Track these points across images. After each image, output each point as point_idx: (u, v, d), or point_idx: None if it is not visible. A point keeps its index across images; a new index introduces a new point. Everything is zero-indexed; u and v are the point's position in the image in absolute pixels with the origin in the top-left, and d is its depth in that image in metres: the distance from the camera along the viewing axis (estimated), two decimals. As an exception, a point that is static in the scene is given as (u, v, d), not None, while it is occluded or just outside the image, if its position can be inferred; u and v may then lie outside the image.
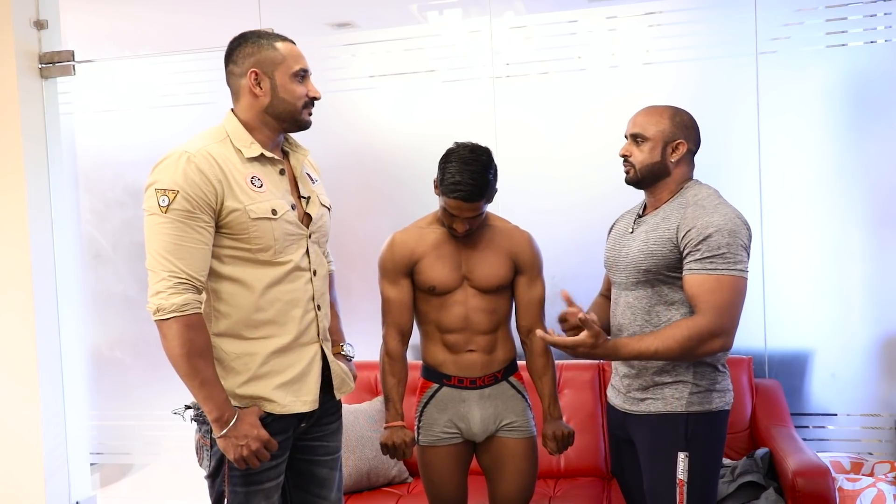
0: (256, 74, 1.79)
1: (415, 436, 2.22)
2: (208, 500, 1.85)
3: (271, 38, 1.82)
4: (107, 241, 3.60)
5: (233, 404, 1.75)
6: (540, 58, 3.15)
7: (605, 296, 2.24)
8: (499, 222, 2.25)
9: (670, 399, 1.94)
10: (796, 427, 2.86)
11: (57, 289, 3.35)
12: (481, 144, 2.12)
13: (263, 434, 1.74)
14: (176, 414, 1.86)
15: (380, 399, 2.98)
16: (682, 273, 1.89)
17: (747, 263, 1.87)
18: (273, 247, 1.78)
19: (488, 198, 2.10)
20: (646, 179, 2.00)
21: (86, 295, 3.61)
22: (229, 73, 1.85)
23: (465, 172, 2.03)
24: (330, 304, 2.01)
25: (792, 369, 3.02)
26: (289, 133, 1.91)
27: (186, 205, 1.68)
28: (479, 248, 2.18)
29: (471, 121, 3.20)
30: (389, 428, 2.17)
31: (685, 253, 1.87)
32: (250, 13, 3.30)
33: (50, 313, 3.31)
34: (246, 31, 1.85)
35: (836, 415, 2.99)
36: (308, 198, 1.90)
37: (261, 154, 1.81)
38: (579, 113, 3.14)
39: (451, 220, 2.12)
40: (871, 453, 2.93)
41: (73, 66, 3.36)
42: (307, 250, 1.86)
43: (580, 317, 1.83)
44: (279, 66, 1.80)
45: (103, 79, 3.50)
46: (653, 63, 3.05)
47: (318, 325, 1.88)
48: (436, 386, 2.23)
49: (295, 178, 1.91)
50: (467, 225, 2.11)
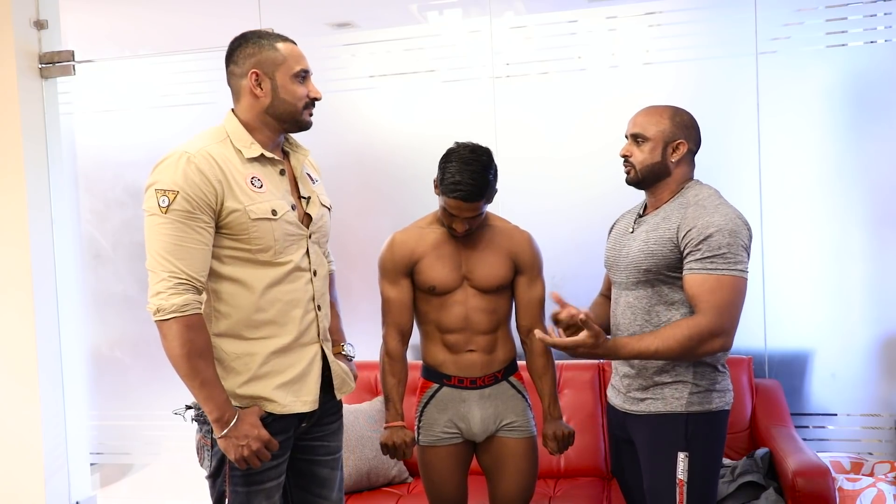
0: (257, 75, 1.79)
1: (415, 436, 2.22)
2: (209, 500, 1.85)
3: (272, 38, 1.82)
4: (107, 241, 3.60)
5: (233, 404, 1.75)
6: (540, 58, 3.14)
7: (605, 295, 2.24)
8: (499, 222, 2.25)
9: (670, 399, 1.94)
10: (796, 427, 2.86)
11: (57, 289, 3.35)
12: (481, 144, 2.12)
13: (264, 434, 1.74)
14: (177, 414, 1.86)
15: (380, 399, 2.98)
16: (682, 273, 1.89)
17: (748, 264, 1.87)
18: (273, 247, 1.78)
19: (488, 198, 2.10)
20: (646, 179, 2.00)
21: (86, 295, 3.61)
22: (230, 74, 1.84)
23: (465, 172, 2.03)
24: (330, 303, 2.01)
25: (792, 369, 3.02)
26: (289, 133, 1.91)
27: (186, 205, 1.68)
28: (479, 248, 2.18)
29: (471, 121, 3.20)
30: (389, 428, 2.17)
31: (685, 253, 1.87)
32: (250, 13, 3.30)
33: (50, 313, 3.31)
34: (247, 31, 1.85)
35: (836, 415, 2.99)
36: (308, 198, 1.90)
37: (261, 154, 1.81)
38: (579, 113, 3.14)
39: (450, 220, 2.12)
40: (871, 453, 2.93)
41: (73, 66, 3.36)
42: (307, 251, 1.86)
43: (580, 317, 1.83)
44: (280, 66, 1.80)
45: (103, 79, 3.50)
46: (653, 63, 3.05)
47: (318, 326, 1.88)
48: (436, 386, 2.23)
49: (295, 179, 1.91)
50: (467, 225, 2.11)
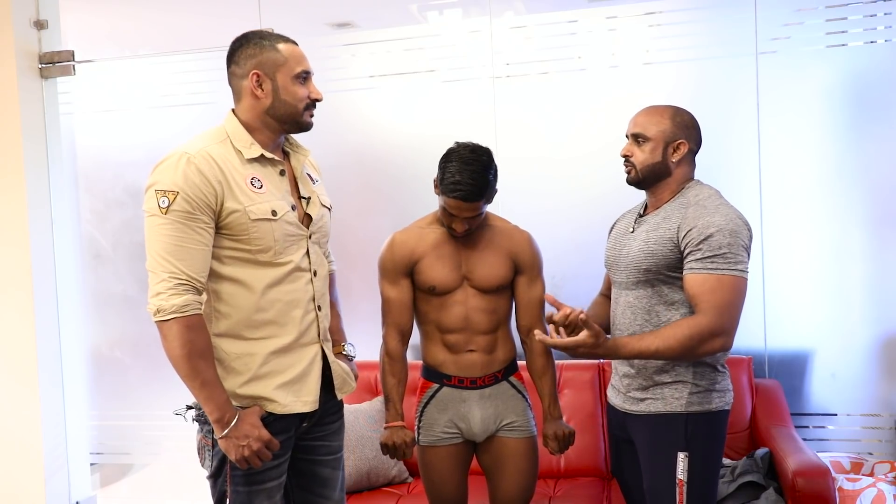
0: (258, 76, 1.79)
1: (415, 436, 2.22)
2: (209, 500, 1.85)
3: (273, 39, 1.81)
4: (107, 241, 3.60)
5: (234, 404, 1.75)
6: (540, 58, 3.14)
7: (605, 295, 2.24)
8: (499, 222, 2.25)
9: (670, 399, 1.94)
10: (796, 427, 2.86)
11: (57, 289, 3.35)
12: (481, 144, 2.12)
13: (265, 434, 1.74)
14: (177, 414, 1.86)
15: (380, 399, 2.98)
16: (682, 273, 1.89)
17: (748, 264, 1.87)
18: (273, 247, 1.78)
19: (488, 198, 2.10)
20: (647, 179, 2.00)
21: (86, 295, 3.61)
22: (231, 74, 1.84)
23: (465, 172, 2.03)
24: (331, 303, 2.01)
25: (792, 369, 3.02)
26: (290, 134, 1.91)
27: (186, 206, 1.68)
28: (479, 248, 2.18)
29: (471, 121, 3.20)
30: (389, 428, 2.17)
31: (686, 253, 1.88)
32: (250, 13, 3.30)
33: (50, 313, 3.31)
34: (248, 31, 1.84)
35: (836, 415, 2.99)
36: (308, 198, 1.90)
37: (261, 155, 1.81)
38: (579, 113, 3.14)
39: (450, 219, 2.12)
40: (871, 453, 2.93)
41: (73, 66, 3.36)
42: (307, 251, 1.86)
43: (581, 317, 1.83)
44: (281, 67, 1.79)
45: (103, 79, 3.50)
46: (653, 63, 3.05)
47: (318, 326, 1.88)
48: (436, 386, 2.23)
49: (295, 179, 1.91)
50: (467, 225, 2.11)
